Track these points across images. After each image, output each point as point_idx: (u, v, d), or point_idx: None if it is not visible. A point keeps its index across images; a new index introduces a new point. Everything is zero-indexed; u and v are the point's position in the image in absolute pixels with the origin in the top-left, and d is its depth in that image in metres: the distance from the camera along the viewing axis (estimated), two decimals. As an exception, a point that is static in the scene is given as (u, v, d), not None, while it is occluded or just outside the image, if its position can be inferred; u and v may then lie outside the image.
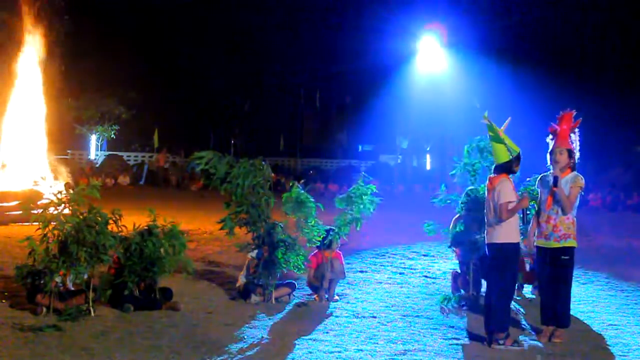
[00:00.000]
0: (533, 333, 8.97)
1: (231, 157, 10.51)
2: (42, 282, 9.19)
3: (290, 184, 11.21)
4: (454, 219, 11.09)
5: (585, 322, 9.73)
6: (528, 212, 8.79)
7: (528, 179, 10.53)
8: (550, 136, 8.81)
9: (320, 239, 10.76)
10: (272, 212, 10.65)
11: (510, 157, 8.34)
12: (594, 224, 21.21)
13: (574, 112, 8.84)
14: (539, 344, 8.48)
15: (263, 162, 10.58)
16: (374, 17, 50.82)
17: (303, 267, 10.59)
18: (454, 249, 11.24)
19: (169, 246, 9.66)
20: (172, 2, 51.16)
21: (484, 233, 10.79)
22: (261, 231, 10.49)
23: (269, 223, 10.50)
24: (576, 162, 8.74)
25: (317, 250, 10.88)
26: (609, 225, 23.55)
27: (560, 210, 8.53)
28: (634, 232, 22.81)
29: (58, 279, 9.28)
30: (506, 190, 8.25)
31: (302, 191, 10.87)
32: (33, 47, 26.29)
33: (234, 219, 10.40)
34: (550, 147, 8.77)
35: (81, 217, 9.22)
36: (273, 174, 11.25)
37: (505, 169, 8.39)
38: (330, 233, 10.87)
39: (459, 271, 11.22)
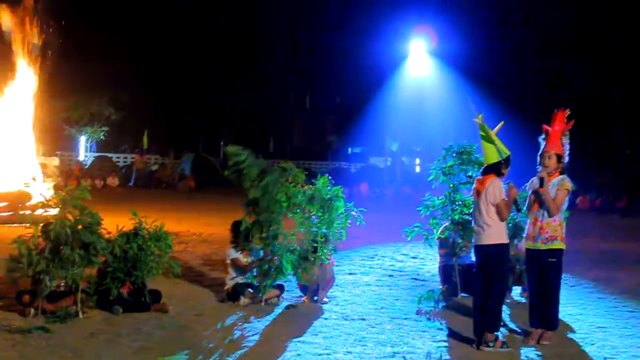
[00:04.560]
0: (522, 335, 8.99)
1: (265, 161, 10.46)
2: (35, 284, 9.16)
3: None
4: (443, 225, 11.32)
5: (573, 324, 9.75)
6: (519, 203, 8.82)
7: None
8: (543, 136, 8.81)
9: (328, 256, 10.82)
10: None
11: (500, 158, 8.35)
12: (583, 226, 21.26)
13: (568, 112, 8.84)
14: (528, 346, 8.52)
15: (295, 167, 10.64)
16: (365, 20, 50.92)
17: (304, 278, 10.61)
18: (438, 251, 11.57)
19: (154, 247, 9.66)
20: (163, 5, 51.10)
21: (465, 237, 10.98)
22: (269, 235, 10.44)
23: (278, 229, 10.44)
24: (565, 166, 8.74)
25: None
26: (597, 228, 23.63)
27: (546, 212, 8.54)
28: (622, 235, 22.88)
29: (49, 282, 9.25)
30: (500, 189, 8.25)
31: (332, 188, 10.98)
32: (22, 48, 26.21)
33: (249, 220, 10.39)
34: (541, 148, 8.78)
35: (77, 218, 9.19)
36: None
37: (494, 170, 8.39)
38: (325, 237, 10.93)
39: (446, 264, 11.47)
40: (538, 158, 8.77)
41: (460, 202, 11.14)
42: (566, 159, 8.74)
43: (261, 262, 10.37)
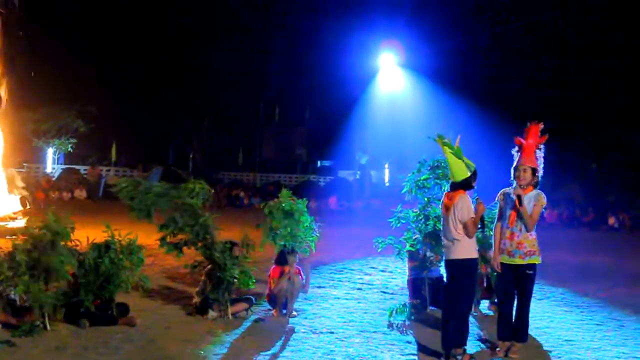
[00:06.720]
0: (490, 348, 9.01)
1: (149, 184, 10.52)
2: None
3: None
4: (413, 238, 11.30)
5: (540, 337, 9.81)
6: (486, 221, 8.81)
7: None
8: (516, 148, 8.80)
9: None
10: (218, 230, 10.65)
11: (470, 172, 8.37)
12: (550, 240, 21.37)
13: (542, 125, 8.86)
14: (496, 359, 8.55)
15: (199, 182, 10.61)
16: (334, 34, 51.08)
17: (252, 285, 10.62)
18: (407, 265, 11.56)
19: (126, 261, 9.59)
20: (130, 20, 50.97)
21: (436, 251, 11.00)
22: (206, 250, 10.43)
23: (209, 242, 10.40)
24: (539, 180, 8.75)
25: (275, 265, 10.85)
26: (565, 242, 23.79)
27: (523, 227, 8.56)
28: (589, 248, 23.08)
29: (14, 295, 9.15)
30: (468, 206, 8.26)
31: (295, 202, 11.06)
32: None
33: (171, 239, 10.41)
34: (515, 161, 8.74)
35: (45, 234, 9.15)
36: (212, 190, 11.30)
37: (464, 185, 8.41)
38: (291, 246, 10.94)
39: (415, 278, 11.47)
40: (512, 171, 8.78)
41: (434, 217, 11.13)
42: (540, 172, 8.75)
43: (213, 276, 10.33)
